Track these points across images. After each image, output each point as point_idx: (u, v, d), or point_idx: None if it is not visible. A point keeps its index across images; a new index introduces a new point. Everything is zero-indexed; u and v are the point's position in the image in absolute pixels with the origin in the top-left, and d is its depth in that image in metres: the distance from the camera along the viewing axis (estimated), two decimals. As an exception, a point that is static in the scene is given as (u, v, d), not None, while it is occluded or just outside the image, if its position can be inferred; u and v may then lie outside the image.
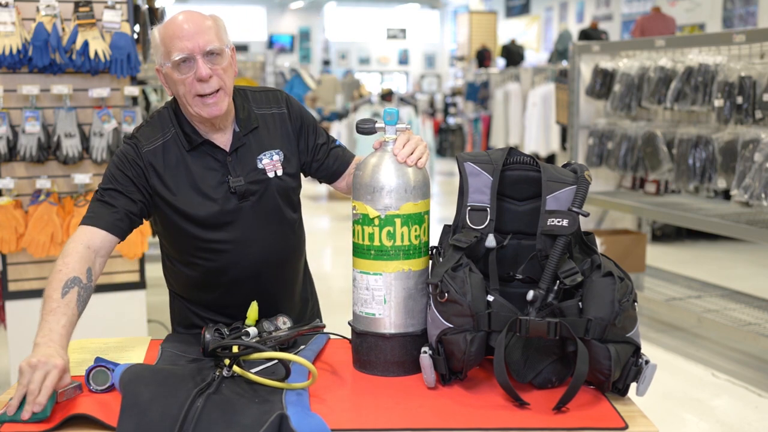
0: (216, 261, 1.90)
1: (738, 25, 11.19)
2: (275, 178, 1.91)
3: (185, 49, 1.76)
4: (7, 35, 3.15)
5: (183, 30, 1.77)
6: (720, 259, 6.74)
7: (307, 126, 2.00)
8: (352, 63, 22.76)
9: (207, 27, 1.79)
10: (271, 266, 1.94)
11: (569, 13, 16.71)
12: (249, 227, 1.89)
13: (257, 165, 1.89)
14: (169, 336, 1.89)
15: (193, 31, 1.77)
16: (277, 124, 1.96)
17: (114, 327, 3.49)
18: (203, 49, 1.77)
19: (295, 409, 1.41)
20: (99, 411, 1.46)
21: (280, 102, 1.99)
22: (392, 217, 1.61)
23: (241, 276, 1.91)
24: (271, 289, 1.96)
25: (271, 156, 1.91)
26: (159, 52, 1.82)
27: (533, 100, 8.58)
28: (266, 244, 1.91)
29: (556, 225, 1.56)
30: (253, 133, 1.91)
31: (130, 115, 3.40)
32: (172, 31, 1.78)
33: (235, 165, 1.87)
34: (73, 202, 3.38)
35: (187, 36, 1.76)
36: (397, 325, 1.64)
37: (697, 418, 3.62)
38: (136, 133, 1.89)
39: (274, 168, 1.91)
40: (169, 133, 1.87)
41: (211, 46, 1.78)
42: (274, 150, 1.92)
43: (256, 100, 1.97)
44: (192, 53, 1.77)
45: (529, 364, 1.58)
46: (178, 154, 1.86)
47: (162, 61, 1.82)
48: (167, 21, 1.82)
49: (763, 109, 3.90)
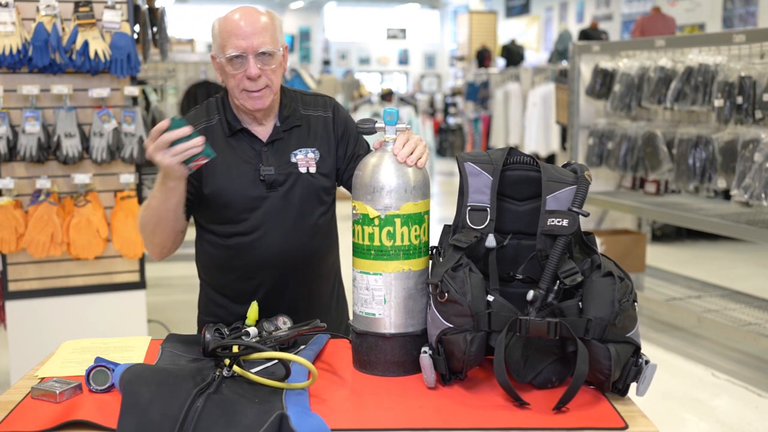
0: (237, 242, 1.96)
1: (738, 25, 11.19)
2: (307, 174, 1.98)
3: (239, 48, 1.86)
4: (7, 35, 3.15)
5: (240, 28, 1.87)
6: (720, 259, 6.74)
7: (348, 134, 2.07)
8: (352, 63, 22.76)
9: (263, 27, 1.88)
10: (291, 260, 1.97)
11: (569, 13, 16.71)
12: (273, 216, 1.95)
13: (291, 159, 1.97)
14: (169, 336, 1.89)
15: (249, 31, 1.86)
16: (320, 126, 2.04)
17: (114, 327, 3.50)
18: (256, 50, 1.87)
19: (295, 409, 1.41)
20: (99, 411, 1.46)
21: (328, 107, 2.07)
22: (392, 217, 1.62)
23: (259, 263, 1.96)
24: (289, 284, 1.99)
25: (306, 153, 1.99)
26: (215, 43, 1.93)
27: (533, 100, 8.58)
28: (288, 236, 1.96)
29: (556, 225, 1.56)
30: (293, 130, 2.00)
31: (130, 115, 3.40)
32: (230, 28, 1.88)
33: (269, 155, 1.96)
34: (73, 202, 3.38)
35: (242, 35, 1.86)
36: (397, 325, 1.64)
37: (697, 418, 3.62)
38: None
39: (307, 164, 1.98)
40: (213, 119, 1.99)
41: (264, 48, 1.88)
42: (310, 148, 2.00)
43: (304, 101, 2.06)
44: (245, 52, 1.87)
45: (529, 364, 1.58)
46: (219, 139, 1.96)
47: (217, 52, 1.92)
48: (227, 15, 1.91)
49: (763, 109, 3.90)
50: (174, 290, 5.76)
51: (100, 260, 3.49)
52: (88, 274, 3.49)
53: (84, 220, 3.35)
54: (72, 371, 1.68)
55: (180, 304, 5.22)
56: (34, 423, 1.43)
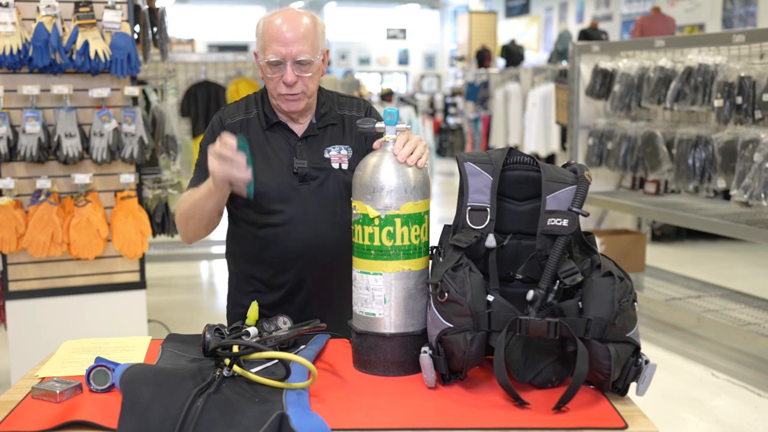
0: (268, 233, 2.00)
1: (738, 25, 11.19)
2: (339, 170, 2.03)
3: (278, 54, 1.91)
4: (7, 35, 3.15)
5: (281, 34, 1.91)
6: (720, 259, 6.74)
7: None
8: (352, 63, 22.76)
9: (304, 35, 1.92)
10: (320, 253, 2.00)
11: (569, 13, 16.71)
12: (304, 208, 1.99)
13: (324, 155, 2.02)
14: (169, 336, 1.90)
15: (290, 39, 1.90)
16: (354, 125, 2.07)
17: (114, 327, 3.50)
18: (294, 58, 1.91)
19: (295, 409, 1.41)
20: (99, 411, 1.46)
21: (362, 108, 2.12)
22: (392, 217, 1.62)
23: (289, 254, 2.00)
24: (315, 279, 2.02)
25: (339, 149, 2.04)
26: (258, 43, 1.97)
27: (533, 100, 8.58)
28: (317, 227, 2.00)
29: (556, 225, 1.56)
30: (328, 128, 2.06)
31: (130, 115, 3.40)
32: (273, 32, 1.92)
33: (303, 150, 2.02)
34: (74, 202, 3.38)
35: (283, 42, 1.90)
36: (397, 325, 1.64)
37: (696, 418, 3.62)
38: (224, 108, 2.10)
39: (340, 161, 2.03)
40: (252, 112, 2.06)
41: (302, 57, 1.91)
42: (344, 145, 2.04)
43: (340, 103, 2.12)
44: (284, 59, 1.91)
45: (529, 364, 1.58)
46: (257, 131, 2.03)
47: (259, 53, 1.97)
48: (271, 17, 1.95)
49: (762, 109, 3.90)
50: (174, 290, 5.76)
51: (100, 260, 3.49)
52: (88, 274, 3.49)
53: (84, 220, 3.35)
54: (72, 371, 1.68)
55: (180, 304, 5.22)
56: (34, 423, 1.43)
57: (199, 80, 5.95)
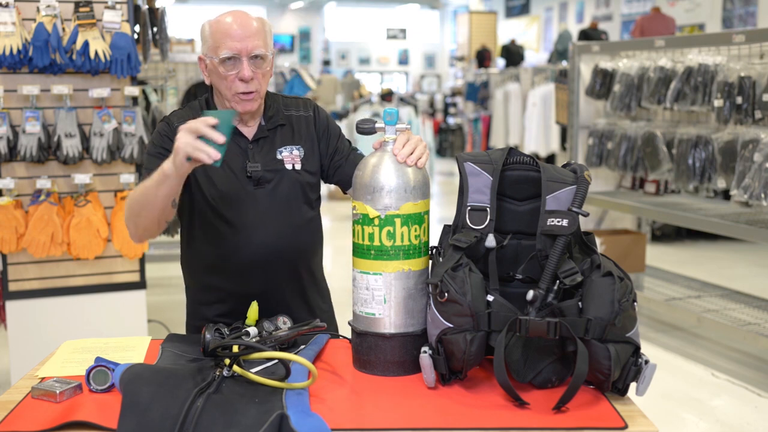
0: (226, 240, 1.96)
1: (738, 25, 11.19)
2: (293, 171, 2.00)
3: (234, 49, 1.88)
4: (7, 35, 3.15)
5: (234, 30, 1.89)
6: (720, 259, 6.74)
7: (330, 132, 2.10)
8: (352, 63, 22.76)
9: (256, 31, 1.91)
10: (279, 257, 1.98)
11: (569, 13, 16.71)
12: (260, 212, 1.96)
13: (276, 156, 2.00)
14: (169, 336, 1.90)
15: (243, 34, 1.89)
16: (302, 125, 2.06)
17: (114, 327, 3.50)
18: (250, 52, 1.89)
19: (295, 409, 1.41)
20: (99, 411, 1.46)
21: (308, 108, 2.10)
22: (392, 217, 1.62)
23: (249, 261, 1.96)
24: (277, 282, 1.99)
25: (291, 150, 2.02)
26: (206, 44, 1.94)
27: (533, 100, 8.58)
28: (276, 233, 1.97)
29: (556, 225, 1.56)
30: (277, 129, 2.03)
31: (130, 115, 3.40)
32: (224, 30, 1.89)
33: (255, 153, 1.98)
34: (74, 202, 3.38)
35: (237, 37, 1.88)
36: (397, 325, 1.64)
37: (696, 418, 3.62)
38: (169, 115, 2.03)
39: (293, 161, 2.01)
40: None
41: (258, 51, 1.90)
42: (295, 146, 2.02)
43: (286, 103, 2.09)
44: (239, 53, 1.88)
45: (529, 364, 1.58)
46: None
47: (208, 53, 1.93)
48: (219, 17, 1.93)
49: (762, 109, 3.90)
50: (174, 290, 5.76)
51: (100, 260, 3.49)
52: (88, 274, 3.49)
53: (84, 220, 3.35)
54: (72, 371, 1.68)
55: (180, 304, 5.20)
56: (34, 423, 1.43)
57: (199, 80, 5.95)
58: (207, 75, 1.98)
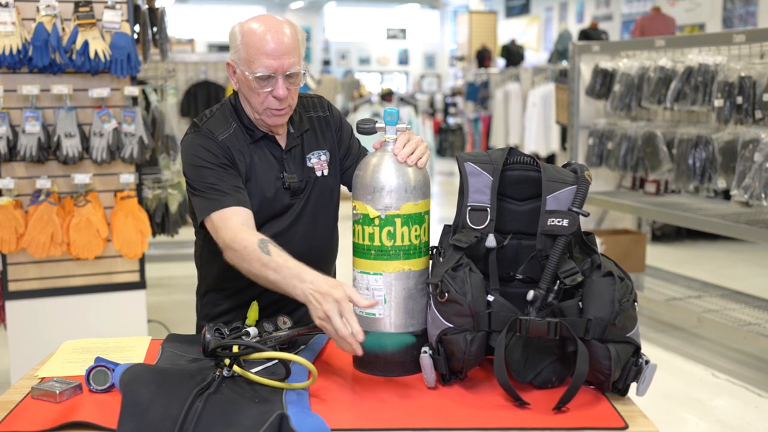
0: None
1: (738, 25, 11.19)
2: (321, 177, 1.99)
3: (270, 68, 1.81)
4: (7, 35, 3.15)
5: (270, 48, 1.80)
6: (720, 259, 6.74)
7: (344, 131, 2.09)
8: (352, 63, 22.76)
9: (292, 47, 1.83)
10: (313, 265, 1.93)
11: (569, 13, 16.71)
12: (294, 223, 1.95)
13: (307, 164, 1.98)
14: (169, 336, 1.90)
15: (279, 52, 1.81)
16: (323, 126, 2.04)
17: (114, 327, 3.50)
18: (285, 71, 1.83)
19: (295, 409, 1.41)
20: (99, 411, 1.46)
21: (324, 107, 2.08)
22: (392, 217, 1.62)
23: None
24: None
25: (319, 156, 2.00)
26: (238, 54, 1.85)
27: (533, 100, 8.58)
28: (306, 241, 1.96)
29: (556, 225, 1.56)
30: (303, 135, 2.00)
31: (130, 115, 3.40)
32: (259, 45, 1.81)
33: (289, 163, 1.95)
34: (73, 202, 3.38)
35: (273, 55, 1.81)
36: (397, 325, 1.64)
37: (697, 418, 3.62)
38: (203, 125, 1.91)
39: (322, 168, 1.99)
40: (232, 126, 1.93)
41: (293, 69, 1.84)
42: (321, 150, 2.00)
43: (304, 104, 2.05)
44: (275, 73, 1.82)
45: (529, 364, 1.58)
46: (244, 145, 1.93)
47: (241, 66, 1.85)
48: (252, 26, 1.83)
49: (763, 109, 3.90)
50: (174, 290, 5.76)
51: (100, 260, 3.49)
52: (88, 274, 3.49)
53: (84, 220, 3.35)
54: (72, 371, 1.68)
55: (180, 304, 5.21)
56: (34, 423, 1.43)
57: (199, 80, 5.95)
58: (235, 82, 1.91)
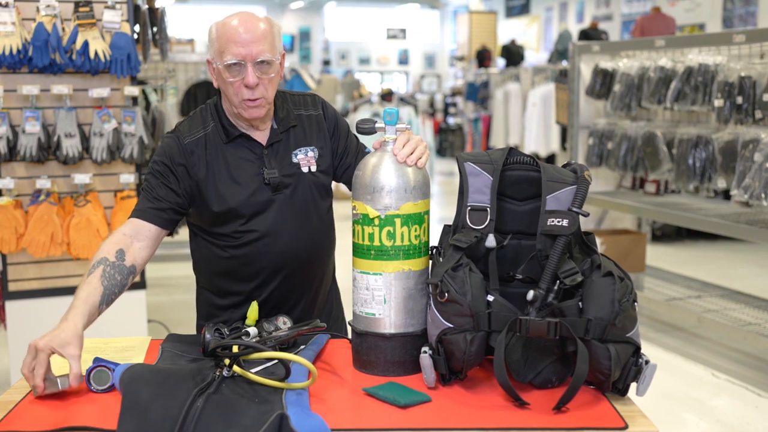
0: (245, 250, 1.94)
1: (738, 25, 11.19)
2: (309, 174, 1.98)
3: (238, 55, 1.83)
4: (7, 35, 3.15)
5: (239, 35, 1.83)
6: (720, 259, 6.74)
7: (340, 129, 2.08)
8: (352, 63, 22.76)
9: (263, 35, 1.84)
10: (298, 260, 1.97)
11: (569, 13, 16.71)
12: (280, 219, 1.94)
13: (292, 159, 1.97)
14: (169, 336, 1.89)
15: (248, 39, 1.83)
16: (313, 124, 2.03)
17: (114, 327, 3.48)
18: (255, 58, 1.83)
19: (295, 409, 1.41)
20: (99, 411, 1.46)
21: (317, 105, 2.07)
22: (392, 217, 1.62)
23: (269, 267, 1.94)
24: (296, 286, 1.99)
25: (306, 152, 1.99)
26: (213, 48, 1.89)
27: (533, 100, 8.58)
28: (295, 237, 1.95)
29: (556, 225, 1.56)
30: (290, 131, 1.99)
31: (130, 115, 3.40)
32: (229, 34, 1.84)
33: (270, 158, 1.94)
34: (73, 202, 3.38)
35: (242, 42, 1.82)
36: (397, 325, 1.64)
37: (697, 418, 3.62)
38: (178, 126, 1.98)
39: (309, 164, 1.98)
40: (209, 126, 1.95)
41: (263, 57, 1.84)
42: (309, 147, 1.99)
43: (294, 102, 2.05)
44: (244, 60, 1.83)
45: (529, 364, 1.58)
46: (218, 146, 1.94)
47: (214, 57, 1.88)
48: (225, 20, 1.87)
49: (763, 109, 3.90)
50: (174, 290, 5.76)
51: (100, 260, 3.48)
52: (88, 274, 3.49)
53: (84, 220, 3.35)
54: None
55: (180, 304, 5.22)
56: (33, 423, 1.43)
57: (199, 80, 5.95)
58: (215, 79, 1.93)
